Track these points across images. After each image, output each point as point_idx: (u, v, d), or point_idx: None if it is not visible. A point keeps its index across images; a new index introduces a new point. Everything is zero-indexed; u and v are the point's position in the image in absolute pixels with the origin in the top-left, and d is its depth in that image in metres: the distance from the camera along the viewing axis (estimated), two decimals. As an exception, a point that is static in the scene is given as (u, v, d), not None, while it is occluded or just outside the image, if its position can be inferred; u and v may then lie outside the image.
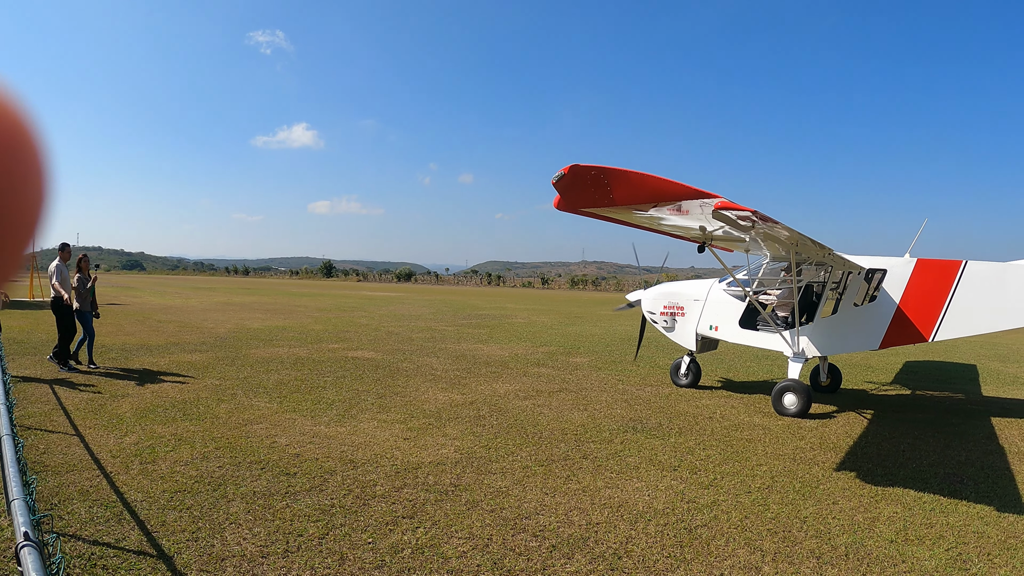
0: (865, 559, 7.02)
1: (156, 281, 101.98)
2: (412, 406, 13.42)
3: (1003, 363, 25.39)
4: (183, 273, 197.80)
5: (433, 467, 9.46)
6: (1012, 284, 14.04)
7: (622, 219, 12.20)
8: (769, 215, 10.20)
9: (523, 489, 8.70)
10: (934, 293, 14.38)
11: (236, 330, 26.93)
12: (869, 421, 13.93)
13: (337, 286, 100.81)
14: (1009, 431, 13.49)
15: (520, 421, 12.52)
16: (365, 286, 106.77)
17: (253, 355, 19.67)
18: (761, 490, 9.13)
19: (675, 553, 6.92)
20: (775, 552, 7.08)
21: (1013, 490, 9.71)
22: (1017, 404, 16.74)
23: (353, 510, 7.69)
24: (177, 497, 7.84)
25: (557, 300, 70.53)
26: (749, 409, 14.50)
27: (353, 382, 15.75)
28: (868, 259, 15.12)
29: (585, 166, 9.03)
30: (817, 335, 15.03)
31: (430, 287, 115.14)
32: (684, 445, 11.30)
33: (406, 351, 22.01)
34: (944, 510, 8.67)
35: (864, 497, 9.02)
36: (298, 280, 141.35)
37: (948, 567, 6.93)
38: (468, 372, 18.08)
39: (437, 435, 11.27)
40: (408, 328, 30.69)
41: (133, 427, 10.99)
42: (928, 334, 14.38)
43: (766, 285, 16.16)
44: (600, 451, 10.69)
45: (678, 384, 17.05)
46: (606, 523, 7.67)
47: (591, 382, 17.17)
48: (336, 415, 12.37)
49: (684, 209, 10.07)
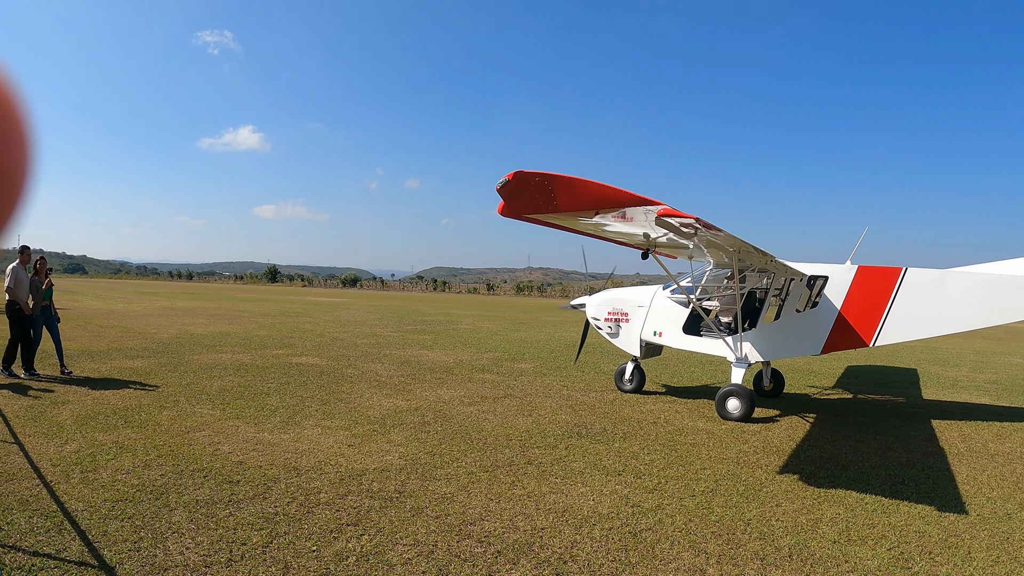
0: (809, 560, 7.10)
1: (98, 285, 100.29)
2: (356, 412, 13.35)
3: (943, 367, 25.86)
4: (126, 277, 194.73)
5: (378, 474, 9.40)
6: (951, 291, 14.32)
7: (567, 226, 12.24)
8: (712, 222, 10.28)
9: (468, 495, 8.69)
10: (875, 299, 14.61)
11: (179, 335, 26.56)
12: (812, 424, 14.11)
13: (282, 291, 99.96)
14: (949, 433, 13.74)
15: (465, 427, 12.49)
16: (310, 291, 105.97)
17: (196, 361, 19.42)
18: (705, 493, 9.20)
19: (620, 557, 6.95)
20: (719, 554, 7.13)
21: (953, 490, 9.90)
22: (956, 407, 17.04)
23: (297, 518, 7.62)
24: (119, 506, 7.71)
25: (502, 306, 70.55)
26: (693, 414, 14.61)
27: (297, 388, 15.62)
28: (810, 266, 15.33)
29: (529, 172, 9.03)
30: (760, 341, 15.19)
31: (375, 293, 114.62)
32: (628, 450, 11.35)
33: (351, 357, 21.88)
34: (886, 511, 8.81)
35: (807, 499, 9.13)
36: (243, 285, 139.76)
37: (891, 566, 7.04)
38: (413, 378, 18.01)
39: (382, 441, 11.21)
40: (353, 334, 30.51)
41: (74, 435, 10.79)
42: (869, 339, 14.60)
43: (709, 292, 16.29)
44: (545, 457, 10.70)
45: (622, 389, 17.12)
46: (551, 528, 7.67)
47: (536, 388, 17.19)
48: (280, 422, 12.26)
49: (628, 216, 10.13)
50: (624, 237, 12.96)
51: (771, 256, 13.25)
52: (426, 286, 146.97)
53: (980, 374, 24.07)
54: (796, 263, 15.16)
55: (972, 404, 17.60)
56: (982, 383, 21.60)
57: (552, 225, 12.15)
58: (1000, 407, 17.30)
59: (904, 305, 14.43)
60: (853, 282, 14.83)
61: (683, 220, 9.83)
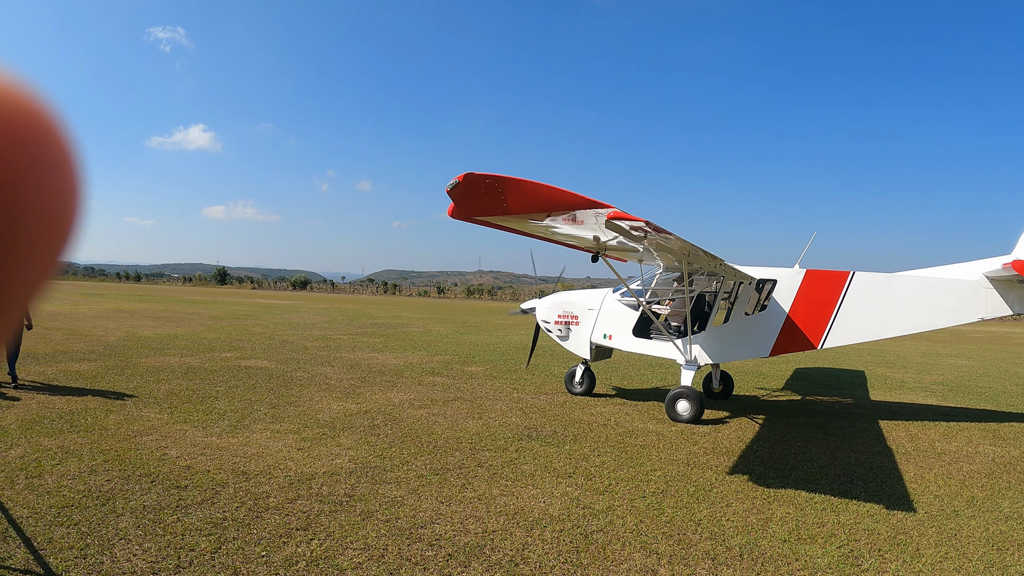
0: (759, 559, 7.16)
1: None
2: (306, 416, 13.24)
3: (890, 369, 26.26)
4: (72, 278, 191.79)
5: (327, 477, 9.34)
6: (898, 294, 14.56)
7: (517, 228, 12.24)
8: (662, 226, 10.32)
9: (418, 498, 8.66)
10: (823, 302, 14.79)
11: (126, 338, 26.19)
12: (761, 426, 14.23)
13: (231, 293, 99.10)
14: (896, 433, 13.93)
15: (415, 430, 12.44)
16: (260, 294, 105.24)
17: (144, 364, 19.16)
18: (656, 494, 9.24)
19: (571, 559, 6.96)
20: (671, 555, 7.17)
21: (901, 488, 10.06)
22: (903, 407, 17.31)
23: (246, 523, 7.54)
24: (64, 512, 7.58)
25: (453, 309, 70.54)
26: (643, 416, 14.67)
27: (246, 392, 15.46)
28: (759, 269, 15.48)
29: (480, 174, 9.01)
30: (709, 343, 15.29)
31: (326, 295, 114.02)
32: (579, 452, 11.37)
33: (300, 360, 21.73)
34: (835, 509, 8.92)
35: (757, 499, 9.21)
36: (191, 287, 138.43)
37: (840, 564, 7.13)
38: (363, 381, 17.92)
39: (331, 445, 11.13)
40: (303, 337, 30.32)
41: (18, 440, 10.58)
42: (817, 342, 14.77)
43: (659, 295, 16.36)
44: (495, 459, 10.70)
45: (573, 392, 17.16)
46: (502, 531, 7.67)
47: (486, 391, 17.17)
48: (228, 426, 12.13)
49: (579, 219, 10.15)
50: (574, 240, 12.98)
51: (720, 260, 13.34)
52: (377, 289, 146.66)
53: (926, 375, 24.48)
54: (745, 266, 15.29)
55: (919, 405, 17.89)
56: (928, 384, 21.96)
57: (502, 227, 12.15)
58: (946, 407, 17.60)
59: (852, 308, 14.63)
60: (801, 286, 15.00)
61: (633, 223, 9.87)
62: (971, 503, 9.49)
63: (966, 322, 14.62)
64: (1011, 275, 13.71)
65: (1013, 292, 14.24)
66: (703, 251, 12.46)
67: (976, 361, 30.80)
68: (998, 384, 22.77)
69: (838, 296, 14.74)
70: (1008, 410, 17.56)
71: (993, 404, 18.45)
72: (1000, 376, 25.23)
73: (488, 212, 10.13)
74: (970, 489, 10.18)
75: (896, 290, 14.65)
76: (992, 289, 14.28)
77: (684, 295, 15.06)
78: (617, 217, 9.52)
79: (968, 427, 14.89)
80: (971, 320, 14.52)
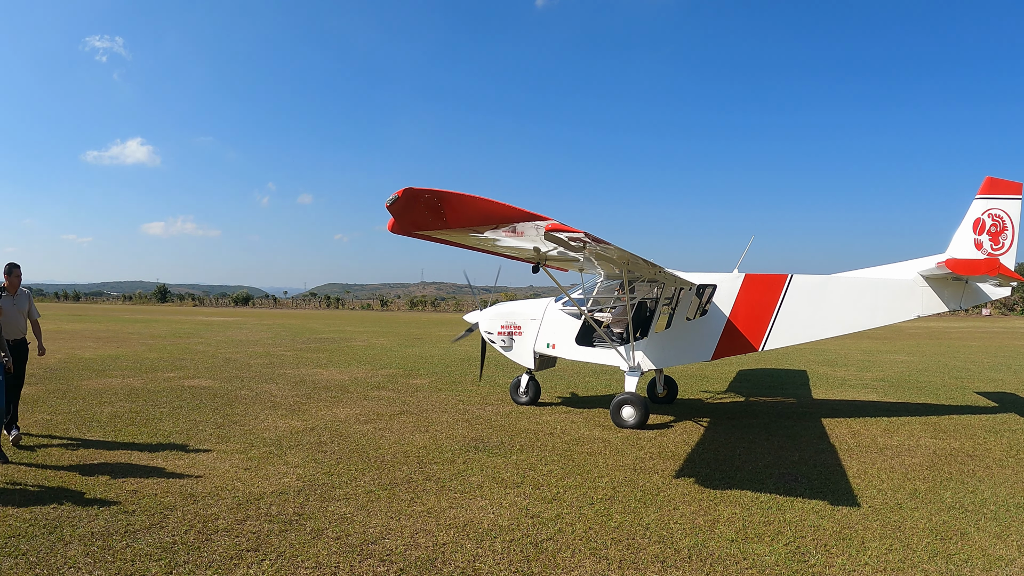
0: (708, 559, 7.30)
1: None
2: (252, 435, 13.17)
3: (831, 367, 26.74)
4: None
5: (276, 497, 9.31)
6: (835, 295, 14.86)
7: (458, 241, 12.27)
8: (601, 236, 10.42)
9: (368, 514, 8.68)
10: (762, 305, 15.04)
11: (67, 360, 25.74)
12: (705, 428, 14.42)
13: (172, 311, 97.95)
14: (839, 430, 14.21)
15: (362, 445, 12.45)
16: (201, 311, 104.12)
17: (85, 386, 18.88)
18: (604, 501, 9.35)
19: (523, 568, 7.03)
20: (620, 560, 7.27)
21: (845, 485, 10.29)
22: (845, 405, 17.68)
23: (196, 546, 7.51)
24: (12, 543, 7.47)
25: (397, 322, 70.38)
26: (589, 423, 14.79)
27: (190, 412, 15.32)
28: (699, 275, 15.67)
29: (419, 189, 9.02)
30: (652, 349, 15.46)
31: (268, 311, 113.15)
32: (526, 462, 11.46)
33: (244, 378, 21.58)
34: (781, 508, 9.11)
35: (704, 501, 9.36)
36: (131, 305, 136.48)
37: (788, 560, 7.29)
38: (308, 397, 17.86)
39: (278, 464, 11.10)
40: (246, 354, 30.09)
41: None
42: (758, 344, 15.01)
43: (601, 303, 16.49)
44: (443, 472, 10.75)
45: (518, 402, 17.26)
46: (453, 543, 7.72)
47: (432, 403, 17.20)
48: (174, 447, 12.02)
49: (519, 231, 10.21)
50: (515, 251, 13.06)
51: (660, 267, 13.50)
52: (319, 303, 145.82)
53: (867, 372, 24.99)
54: (685, 272, 15.49)
55: (860, 401, 18.28)
56: (869, 381, 22.41)
57: (443, 241, 12.19)
58: (887, 403, 18.03)
59: (791, 310, 14.90)
60: (741, 289, 15.23)
61: (572, 235, 9.96)
62: (914, 495, 9.75)
63: (904, 319, 14.97)
64: (945, 273, 14.05)
65: (948, 289, 14.60)
66: (643, 259, 12.60)
67: (915, 357, 31.45)
68: (937, 378, 23.33)
69: (777, 299, 15.00)
70: (947, 403, 18.04)
71: (933, 398, 18.92)
72: (939, 370, 25.85)
73: (428, 227, 10.16)
74: (912, 482, 10.45)
75: (834, 291, 14.97)
76: (927, 287, 14.63)
77: (625, 303, 15.19)
78: (556, 229, 9.60)
79: (909, 421, 15.25)
80: (909, 318, 14.89)
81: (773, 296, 15.06)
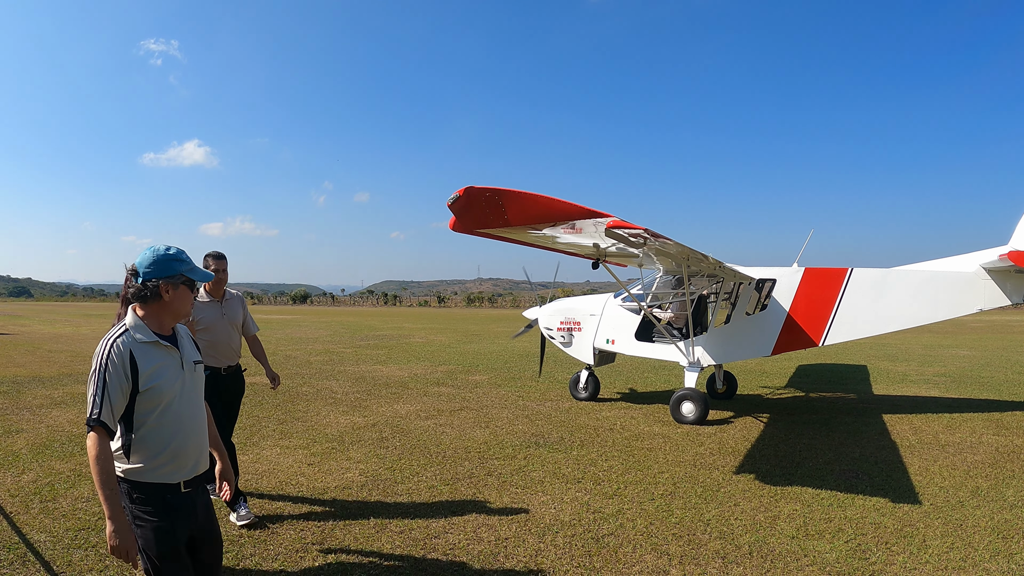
0: (768, 556, 7.25)
1: (45, 308, 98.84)
2: (314, 431, 13.32)
3: (892, 362, 26.30)
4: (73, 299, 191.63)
5: (339, 491, 9.42)
6: (895, 289, 14.66)
7: (517, 238, 12.31)
8: (660, 232, 10.42)
9: (430, 509, 8.74)
10: (822, 300, 14.89)
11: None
12: (765, 424, 14.31)
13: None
14: (900, 426, 14.00)
15: (423, 441, 12.53)
16: (260, 309, 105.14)
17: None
18: (664, 496, 9.32)
19: (584, 563, 7.04)
20: (681, 555, 7.25)
21: (906, 482, 10.13)
22: (906, 400, 17.39)
23: (262, 539, 7.62)
24: (82, 535, 7.63)
25: (454, 318, 70.58)
26: (648, 419, 14.75)
27: (253, 408, 15.48)
28: (758, 270, 15.57)
29: (480, 188, 9.07)
30: (711, 344, 15.39)
31: (326, 308, 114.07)
32: (587, 457, 11.46)
33: (305, 375, 21.81)
34: (842, 504, 8.99)
35: (764, 497, 9.29)
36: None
37: (848, 558, 7.21)
38: (368, 394, 18.01)
39: (341, 459, 11.22)
40: (306, 351, 30.38)
41: (30, 464, 10.65)
42: (818, 339, 14.87)
43: (660, 298, 16.46)
44: (504, 467, 10.78)
45: (577, 398, 17.24)
46: (515, 537, 7.75)
47: (491, 399, 17.26)
48: (238, 443, 12.15)
49: (578, 228, 10.22)
50: (575, 248, 13.06)
51: (719, 261, 13.43)
52: (377, 300, 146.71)
53: (928, 367, 24.54)
54: (744, 267, 15.39)
55: (922, 397, 17.96)
56: (931, 376, 22.03)
57: (503, 239, 12.23)
58: (949, 399, 17.68)
59: (851, 304, 14.74)
60: (800, 284, 15.10)
61: (631, 231, 9.95)
62: (976, 493, 9.56)
63: (965, 313, 14.73)
64: (1008, 266, 13.81)
65: (1010, 282, 14.34)
66: (701, 254, 12.55)
67: (978, 351, 30.84)
68: (1000, 373, 22.83)
69: (837, 293, 14.85)
70: (1011, 399, 17.63)
71: (996, 394, 18.53)
72: (1002, 365, 25.28)
73: (489, 224, 10.19)
74: (974, 479, 10.25)
75: (894, 285, 14.77)
76: (990, 280, 14.38)
77: (685, 298, 15.15)
78: (616, 226, 9.60)
79: (971, 417, 14.97)
80: (970, 311, 14.62)
81: (833, 290, 14.91)
